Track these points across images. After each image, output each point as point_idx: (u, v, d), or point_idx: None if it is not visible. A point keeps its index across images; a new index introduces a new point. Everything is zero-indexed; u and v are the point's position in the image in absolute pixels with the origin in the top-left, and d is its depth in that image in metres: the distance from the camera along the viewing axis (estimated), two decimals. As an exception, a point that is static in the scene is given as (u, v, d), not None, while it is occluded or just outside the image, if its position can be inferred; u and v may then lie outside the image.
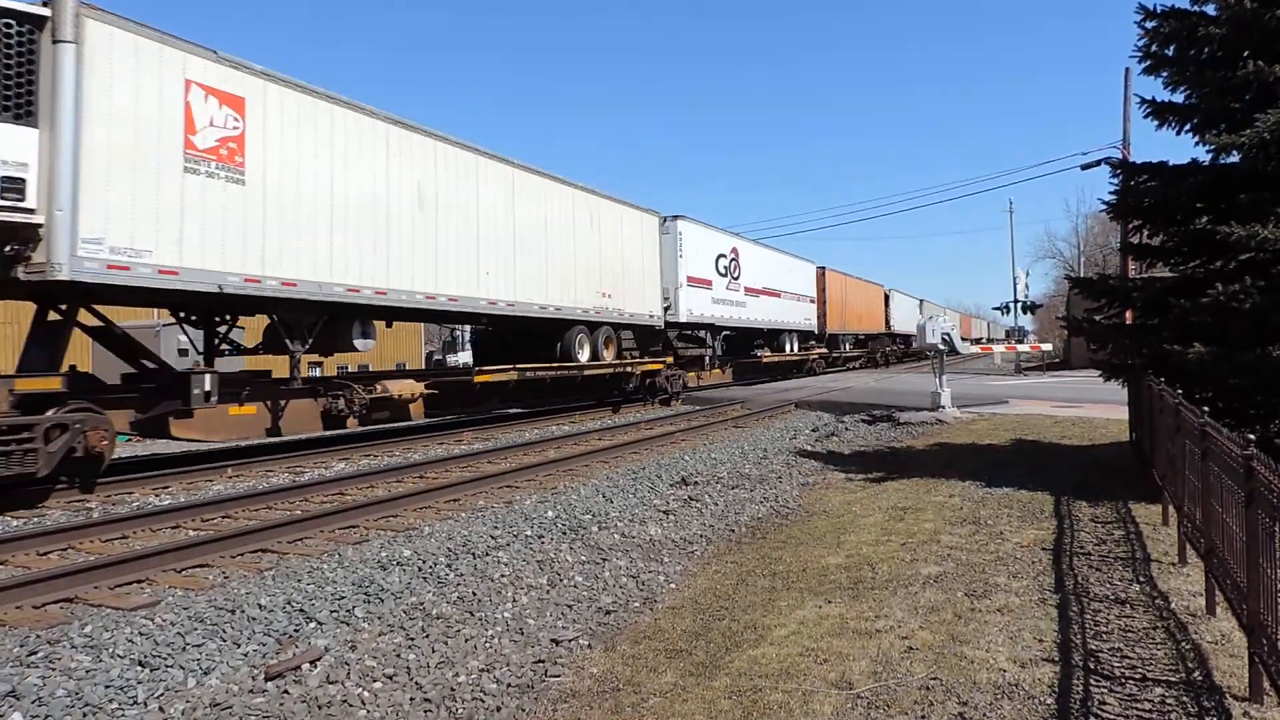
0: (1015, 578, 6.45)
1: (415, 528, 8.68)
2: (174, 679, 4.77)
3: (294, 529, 8.47)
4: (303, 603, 6.06)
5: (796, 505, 9.64)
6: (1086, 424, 16.43)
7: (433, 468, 12.80)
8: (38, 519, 9.41)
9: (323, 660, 5.05)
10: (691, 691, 4.59)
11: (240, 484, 11.65)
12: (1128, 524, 8.10)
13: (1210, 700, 4.24)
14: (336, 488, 11.07)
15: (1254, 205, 8.81)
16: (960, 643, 5.12)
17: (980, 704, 4.28)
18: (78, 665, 4.92)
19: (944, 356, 19.71)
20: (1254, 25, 8.99)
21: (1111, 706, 4.19)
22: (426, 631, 5.57)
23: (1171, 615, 5.50)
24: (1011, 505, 9.09)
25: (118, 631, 5.46)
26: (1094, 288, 11.15)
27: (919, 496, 9.78)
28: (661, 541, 8.07)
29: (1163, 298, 9.83)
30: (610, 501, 9.89)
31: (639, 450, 14.81)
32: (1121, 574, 6.47)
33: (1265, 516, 4.03)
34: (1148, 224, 10.72)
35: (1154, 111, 10.23)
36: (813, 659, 4.95)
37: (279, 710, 4.44)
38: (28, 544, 7.88)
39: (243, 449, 14.25)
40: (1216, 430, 5.34)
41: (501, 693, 4.69)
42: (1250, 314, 8.53)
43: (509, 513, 9.21)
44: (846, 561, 7.10)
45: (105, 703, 4.46)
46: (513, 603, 6.17)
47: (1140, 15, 9.96)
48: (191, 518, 9.23)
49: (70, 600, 6.34)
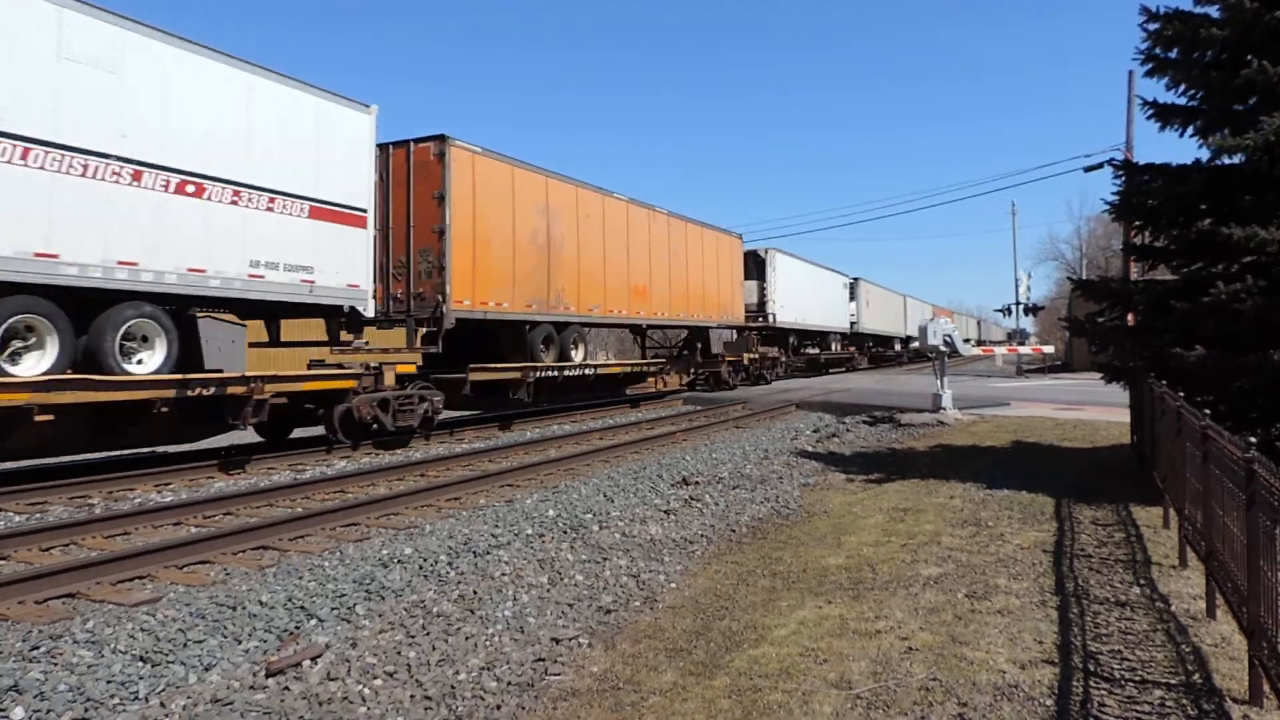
0: (1016, 579, 6.45)
1: (416, 526, 8.70)
2: (175, 675, 4.78)
3: (295, 526, 8.49)
4: (304, 600, 6.08)
5: (797, 506, 9.65)
6: (1088, 426, 16.44)
7: (434, 466, 12.81)
8: (40, 515, 9.43)
9: (324, 657, 5.07)
10: (691, 691, 4.60)
11: (242, 481, 11.67)
12: (1128, 526, 8.10)
13: (1210, 703, 4.24)
14: (338, 485, 11.09)
15: (1257, 207, 8.81)
16: (960, 644, 5.12)
17: (980, 705, 4.28)
18: (80, 660, 4.93)
19: (945, 358, 19.71)
20: (1255, 26, 8.99)
21: (1111, 708, 4.19)
22: (427, 629, 5.58)
23: (1172, 618, 5.50)
24: (1012, 507, 9.10)
25: (119, 627, 5.47)
26: (1096, 290, 11.15)
27: (920, 498, 9.79)
28: (662, 541, 8.08)
29: (1164, 300, 9.83)
30: (611, 501, 9.90)
31: (640, 450, 14.82)
32: (1122, 576, 6.47)
33: (1266, 519, 4.03)
34: (1150, 225, 10.72)
35: (1157, 114, 10.24)
36: (813, 659, 4.96)
37: (280, 706, 4.45)
38: (30, 539, 7.90)
39: (243, 447, 14.25)
40: (1218, 433, 5.34)
41: (502, 691, 4.70)
42: (1252, 316, 8.53)
43: (510, 511, 9.22)
44: (847, 562, 7.11)
45: (107, 698, 4.48)
46: (513, 601, 6.18)
47: (1143, 17, 9.96)
48: (193, 514, 9.24)
49: (72, 596, 6.36)
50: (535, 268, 18.50)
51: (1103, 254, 59.56)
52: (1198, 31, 9.56)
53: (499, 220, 17.25)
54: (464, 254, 16.14)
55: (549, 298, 18.98)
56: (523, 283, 18.04)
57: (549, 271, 18.95)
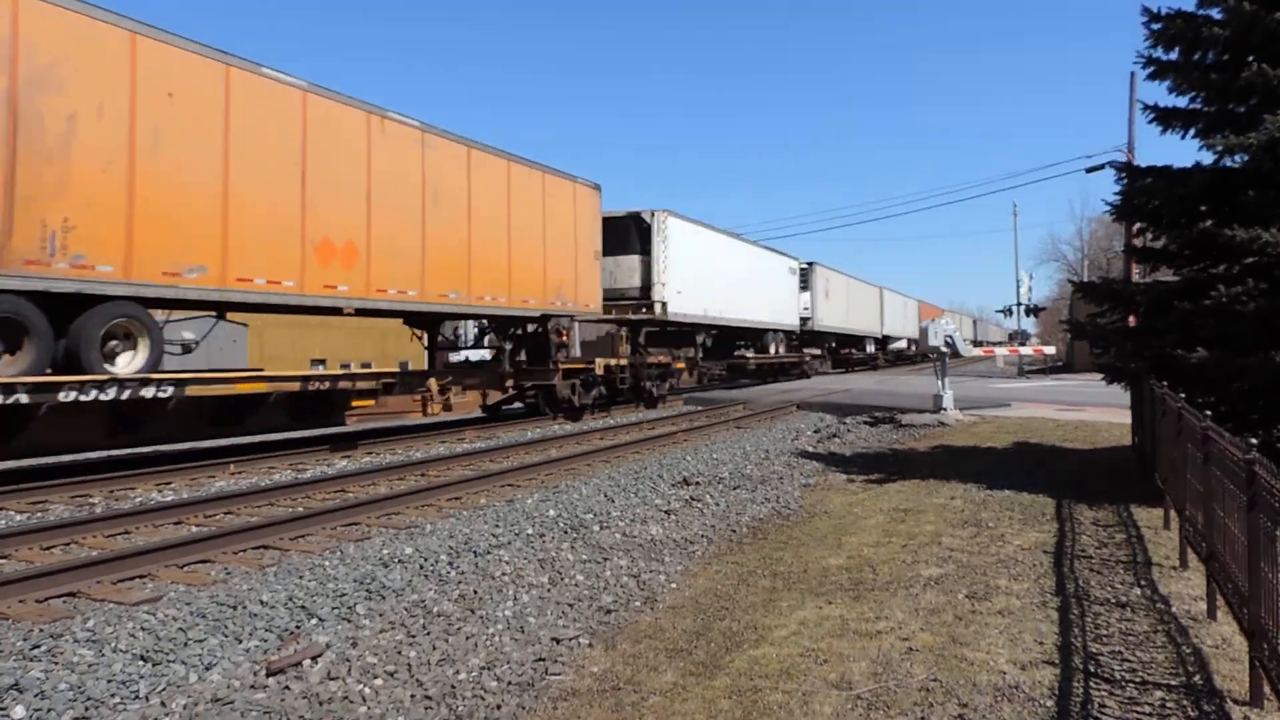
0: (1016, 580, 6.45)
1: (417, 525, 8.70)
2: (176, 674, 4.78)
3: (296, 526, 8.49)
4: (304, 599, 6.08)
5: (798, 506, 9.65)
6: (1089, 427, 16.42)
7: (434, 465, 12.82)
8: (40, 514, 9.44)
9: (324, 656, 5.07)
10: (692, 691, 4.60)
11: (243, 480, 11.68)
12: (1129, 527, 8.09)
13: (1210, 704, 4.24)
14: (338, 485, 11.10)
15: (1260, 206, 8.80)
16: (961, 644, 5.12)
17: (980, 706, 4.28)
18: (80, 659, 4.94)
19: (946, 359, 19.72)
20: (1255, 28, 9.00)
21: (1112, 709, 4.19)
22: (428, 629, 5.58)
23: (1172, 619, 5.50)
24: (1013, 508, 9.09)
25: (120, 626, 5.47)
26: (1097, 291, 11.14)
27: (920, 498, 9.78)
28: (663, 541, 8.08)
29: (1166, 301, 9.83)
30: (612, 500, 9.90)
31: (641, 450, 14.82)
32: (1122, 577, 6.47)
33: (1267, 520, 4.03)
34: (1151, 227, 10.72)
35: (1158, 117, 10.24)
36: (813, 659, 4.96)
37: (280, 706, 4.46)
38: (31, 539, 7.90)
39: (243, 445, 14.26)
40: (1219, 434, 5.34)
41: (502, 690, 4.70)
42: (1253, 317, 8.52)
43: (510, 511, 9.22)
44: (847, 562, 7.11)
45: (107, 697, 4.48)
46: (514, 601, 6.18)
47: (1145, 18, 9.97)
48: (194, 514, 9.25)
49: (73, 595, 6.37)
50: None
51: (1104, 255, 59.43)
52: (1199, 31, 9.56)
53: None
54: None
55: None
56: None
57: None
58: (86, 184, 10.11)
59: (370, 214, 14.27)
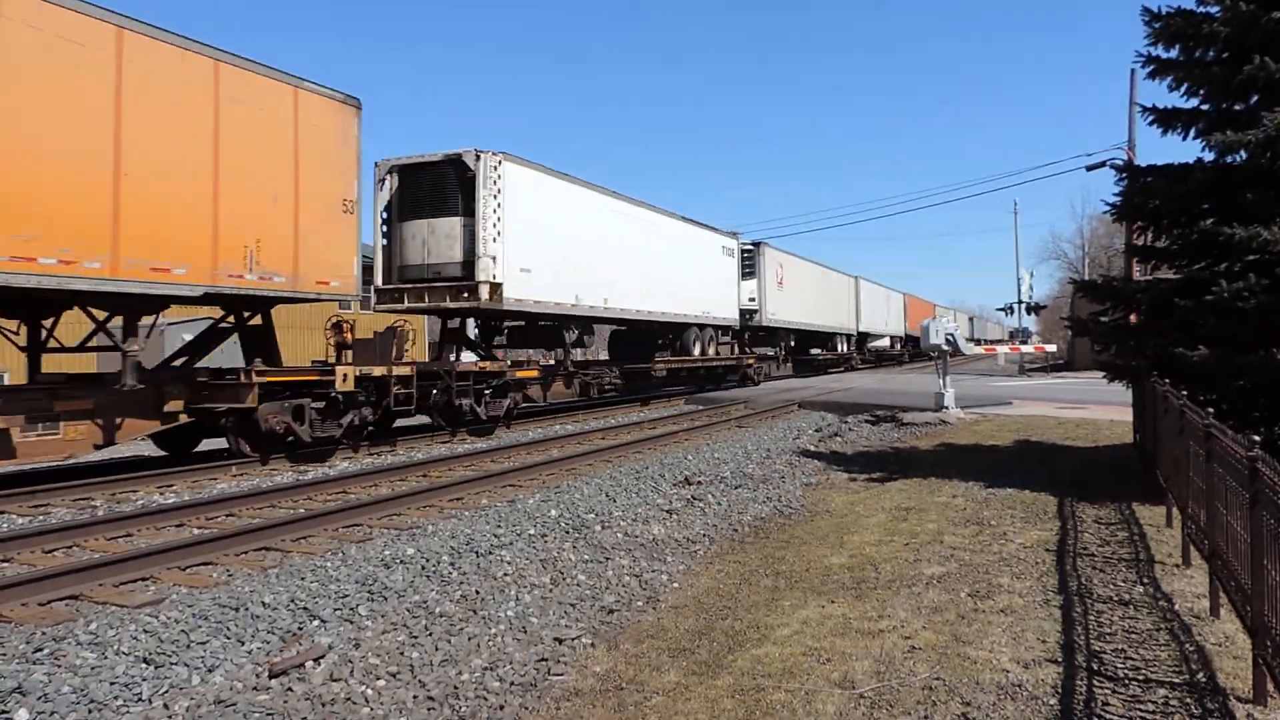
0: (1018, 578, 6.44)
1: (418, 526, 8.70)
2: (178, 676, 4.78)
3: (298, 527, 8.49)
4: (306, 601, 6.07)
5: (800, 505, 9.64)
6: (1090, 425, 16.42)
7: (435, 466, 12.82)
8: (42, 517, 9.44)
9: (326, 658, 5.06)
10: (694, 690, 4.60)
11: (244, 482, 11.68)
12: (1131, 525, 8.09)
13: (1214, 702, 4.24)
14: (340, 486, 11.10)
15: (1260, 204, 8.80)
16: (963, 643, 5.12)
17: (983, 704, 4.28)
18: (83, 662, 4.93)
19: (947, 357, 19.72)
20: (1253, 27, 9.00)
21: (1115, 707, 4.19)
22: (430, 630, 5.58)
23: (1175, 617, 5.50)
24: (1015, 506, 9.09)
25: (122, 629, 5.47)
26: (1098, 290, 11.15)
27: (922, 497, 9.78)
28: (664, 540, 8.08)
29: (1167, 299, 9.82)
30: (613, 500, 9.89)
31: (642, 449, 14.82)
32: (1125, 575, 6.46)
33: (1270, 518, 4.02)
34: (1152, 225, 10.71)
35: (1158, 119, 10.24)
36: (815, 658, 4.96)
37: (283, 707, 4.45)
38: (33, 542, 7.91)
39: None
40: (1221, 431, 5.33)
41: (504, 691, 4.70)
42: (1254, 315, 8.52)
43: (512, 511, 9.22)
44: (850, 561, 7.10)
45: (110, 699, 4.48)
46: (516, 601, 6.18)
47: (1145, 17, 9.97)
48: (195, 516, 9.25)
49: (75, 598, 6.37)
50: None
51: (1105, 253, 59.37)
52: (1199, 28, 9.56)
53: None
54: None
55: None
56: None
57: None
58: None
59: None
